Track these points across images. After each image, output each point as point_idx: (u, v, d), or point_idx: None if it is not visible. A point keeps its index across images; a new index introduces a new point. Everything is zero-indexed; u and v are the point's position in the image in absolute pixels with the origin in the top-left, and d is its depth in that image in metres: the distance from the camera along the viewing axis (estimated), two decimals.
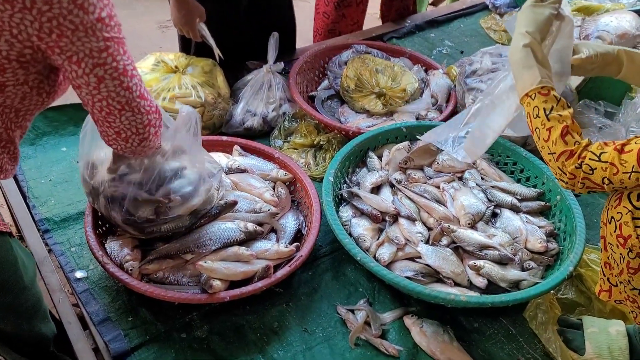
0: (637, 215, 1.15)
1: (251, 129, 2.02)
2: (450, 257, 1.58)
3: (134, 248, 1.49)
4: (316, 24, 2.78)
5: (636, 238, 1.15)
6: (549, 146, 1.21)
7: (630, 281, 1.23)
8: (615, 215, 1.19)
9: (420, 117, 2.09)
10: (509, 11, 2.88)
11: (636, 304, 1.27)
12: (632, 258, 1.19)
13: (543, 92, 1.23)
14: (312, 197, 1.68)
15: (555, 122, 1.20)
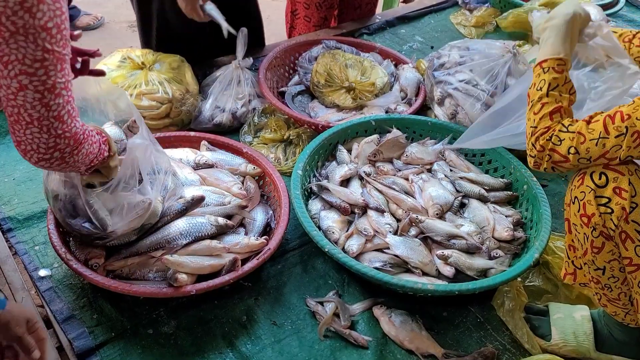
0: (599, 193, 1.17)
1: (220, 125, 2.01)
2: (419, 248, 1.59)
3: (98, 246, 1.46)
4: (298, 30, 2.74)
5: (599, 216, 1.17)
6: (535, 119, 1.26)
7: (594, 261, 1.25)
8: (578, 195, 1.21)
9: (389, 111, 2.10)
10: (479, 7, 2.91)
11: (600, 284, 1.29)
12: (595, 237, 1.21)
13: (558, 70, 1.26)
14: (281, 191, 1.67)
15: (552, 99, 1.25)
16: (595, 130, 1.16)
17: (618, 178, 1.15)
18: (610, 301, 1.30)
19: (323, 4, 2.61)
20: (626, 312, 1.30)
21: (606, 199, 1.16)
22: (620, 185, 1.14)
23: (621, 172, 1.15)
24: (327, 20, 2.67)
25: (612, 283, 1.25)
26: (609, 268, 1.24)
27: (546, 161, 1.25)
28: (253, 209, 1.67)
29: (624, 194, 1.13)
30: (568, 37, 1.29)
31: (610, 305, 1.31)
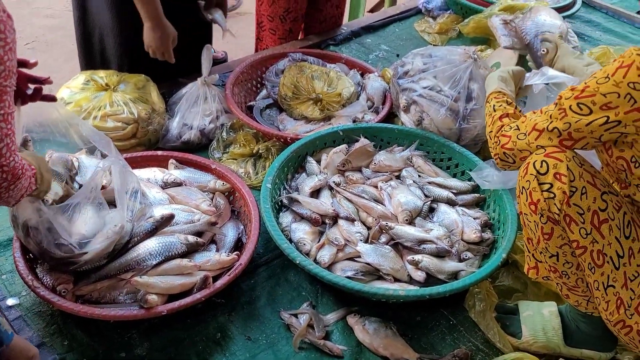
0: (541, 180, 1.22)
1: (189, 142, 2.01)
2: (389, 254, 1.61)
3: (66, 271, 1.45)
4: (265, 42, 2.76)
5: (544, 201, 1.22)
6: (491, 127, 1.46)
7: (548, 248, 1.30)
8: (525, 184, 1.27)
9: (357, 120, 2.13)
10: (441, 14, 2.97)
11: (557, 273, 1.33)
12: (544, 223, 1.26)
13: (498, 97, 1.55)
14: (251, 206, 1.68)
15: (500, 111, 1.48)
16: (533, 113, 1.34)
17: (557, 164, 1.21)
18: (571, 290, 1.34)
19: (287, 16, 2.62)
20: (587, 300, 1.34)
21: (548, 184, 1.21)
22: (560, 171, 1.20)
23: (559, 159, 1.21)
24: (292, 33, 2.69)
25: (568, 269, 1.30)
26: (561, 253, 1.29)
27: (497, 146, 1.41)
28: (224, 225, 1.67)
29: (563, 178, 1.19)
30: (503, 82, 1.61)
31: (571, 294, 1.35)
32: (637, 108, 1.14)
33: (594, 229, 1.20)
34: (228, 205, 1.74)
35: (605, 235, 1.20)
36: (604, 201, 1.20)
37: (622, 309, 1.24)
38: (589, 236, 1.21)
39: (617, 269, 1.22)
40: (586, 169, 1.22)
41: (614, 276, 1.22)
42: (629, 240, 1.21)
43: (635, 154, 1.20)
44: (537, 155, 1.25)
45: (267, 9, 2.62)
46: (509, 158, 1.38)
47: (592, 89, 1.18)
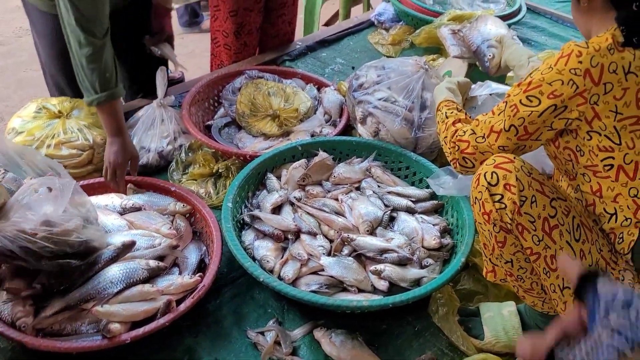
0: (493, 191, 1.27)
1: (147, 166, 2.00)
2: (352, 266, 1.63)
3: (25, 304, 1.42)
4: (219, 58, 2.77)
5: (496, 212, 1.27)
6: (445, 133, 1.51)
7: (502, 255, 1.35)
8: (477, 195, 1.31)
9: (315, 134, 2.15)
10: (393, 25, 3.03)
11: (513, 277, 1.38)
12: (497, 232, 1.31)
13: (449, 104, 1.61)
14: (213, 226, 1.68)
15: (452, 117, 1.53)
16: (486, 115, 1.40)
17: (506, 175, 1.25)
18: (527, 292, 1.39)
19: (241, 31, 2.64)
20: (542, 301, 1.39)
21: (499, 195, 1.26)
22: (509, 182, 1.24)
23: (508, 169, 1.25)
24: (247, 46, 2.69)
25: (522, 274, 1.35)
26: (515, 260, 1.33)
27: (456, 151, 1.44)
28: (185, 247, 1.66)
29: (513, 189, 1.24)
30: (451, 93, 1.68)
31: (527, 296, 1.40)
32: (579, 93, 1.21)
33: (546, 235, 1.24)
34: (189, 226, 1.74)
35: (556, 240, 1.24)
36: (553, 207, 1.24)
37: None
38: (541, 242, 1.25)
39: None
40: (534, 177, 1.26)
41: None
42: (579, 243, 1.25)
43: (579, 142, 1.26)
44: (487, 166, 1.29)
45: (221, 25, 2.62)
46: (469, 162, 1.42)
47: (538, 80, 1.25)
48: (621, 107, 1.20)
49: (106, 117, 1.76)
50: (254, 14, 2.61)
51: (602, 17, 1.24)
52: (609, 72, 1.19)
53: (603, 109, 1.21)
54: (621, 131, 1.21)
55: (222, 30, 2.64)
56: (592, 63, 1.19)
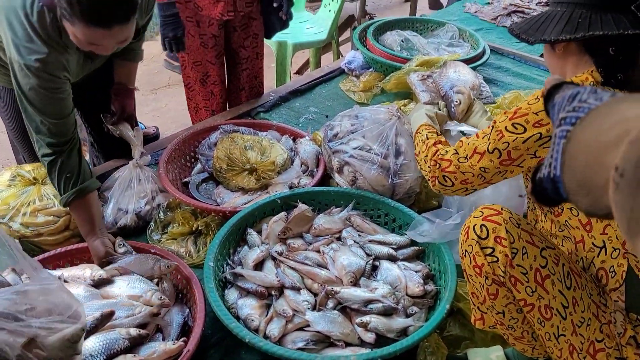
0: (483, 244, 1.27)
1: (125, 228, 1.98)
2: (338, 319, 1.62)
3: None
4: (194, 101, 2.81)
5: (488, 265, 1.27)
6: (425, 152, 1.59)
7: (494, 306, 1.34)
8: (467, 248, 1.32)
9: (293, 186, 2.17)
10: (364, 72, 3.11)
11: (504, 326, 1.37)
12: (489, 285, 1.31)
13: (429, 128, 1.69)
14: (195, 287, 1.65)
15: (433, 139, 1.62)
16: (470, 138, 1.47)
17: (496, 228, 1.26)
18: (517, 339, 1.39)
19: (206, 80, 2.70)
20: (532, 348, 1.39)
21: (490, 248, 1.26)
22: (500, 234, 1.25)
23: (497, 222, 1.26)
24: (214, 95, 2.75)
25: (514, 324, 1.34)
26: (507, 311, 1.33)
27: (437, 169, 1.51)
28: (168, 310, 1.63)
29: (504, 242, 1.24)
30: (430, 120, 1.78)
31: (517, 343, 1.40)
32: None
33: (538, 285, 1.25)
34: (173, 288, 1.71)
35: (549, 290, 1.25)
36: (543, 257, 1.25)
37: (575, 354, 1.29)
38: (534, 293, 1.25)
39: (564, 319, 1.26)
40: (523, 228, 1.27)
41: (563, 326, 1.26)
42: (570, 290, 1.26)
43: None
44: (475, 219, 1.30)
45: (189, 73, 2.71)
46: (448, 181, 1.49)
47: (524, 110, 1.31)
48: None
49: (76, 215, 1.78)
50: (216, 67, 2.67)
51: (577, 61, 1.32)
52: None
53: None
54: None
55: (192, 76, 2.71)
56: None
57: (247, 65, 2.76)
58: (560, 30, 1.28)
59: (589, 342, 1.27)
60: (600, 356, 1.26)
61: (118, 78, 2.14)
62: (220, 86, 2.76)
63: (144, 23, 2.02)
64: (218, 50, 2.63)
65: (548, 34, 1.30)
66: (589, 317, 1.26)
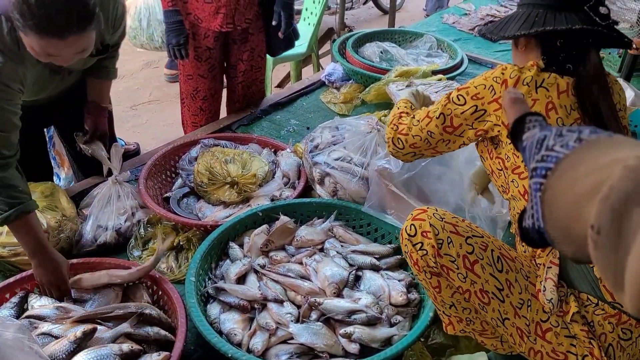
0: (413, 241, 1.37)
1: (105, 245, 1.95)
2: (322, 331, 1.61)
3: None
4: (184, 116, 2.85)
5: (421, 259, 1.36)
6: (392, 116, 1.67)
7: (444, 300, 1.41)
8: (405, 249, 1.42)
9: (275, 198, 2.16)
10: (344, 84, 3.13)
11: (464, 322, 1.41)
12: (429, 278, 1.39)
13: (408, 104, 1.73)
14: (176, 302, 1.63)
15: (404, 109, 1.68)
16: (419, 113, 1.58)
17: (422, 224, 1.36)
18: (482, 335, 1.42)
19: (196, 95, 2.74)
20: (500, 341, 1.42)
21: (420, 243, 1.36)
22: (425, 229, 1.35)
23: (422, 218, 1.36)
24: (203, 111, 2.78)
25: (469, 315, 1.40)
26: (456, 302, 1.40)
27: (394, 131, 1.60)
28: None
29: (429, 234, 1.34)
30: (413, 98, 1.78)
31: (485, 339, 1.43)
32: (496, 99, 1.39)
33: (468, 271, 1.32)
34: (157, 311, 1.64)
35: (480, 274, 1.31)
36: (469, 244, 1.33)
37: (525, 337, 1.32)
38: (467, 279, 1.32)
39: (502, 302, 1.32)
40: (447, 220, 1.36)
41: (504, 309, 1.32)
42: (503, 273, 1.32)
43: (503, 148, 1.40)
44: (407, 221, 1.40)
45: (183, 86, 2.76)
46: (399, 143, 1.59)
47: (469, 84, 1.46)
48: None
49: (20, 235, 1.64)
50: (207, 81, 2.70)
51: (536, 56, 1.42)
52: (522, 84, 1.36)
53: None
54: None
55: (184, 90, 2.77)
56: (511, 75, 1.37)
57: (243, 78, 2.80)
58: (518, 27, 1.40)
59: (535, 324, 1.31)
60: (549, 336, 1.30)
61: (91, 96, 2.11)
62: (210, 101, 2.78)
63: (116, 40, 2.00)
64: (211, 63, 2.66)
65: (507, 31, 1.42)
66: (528, 297, 1.31)
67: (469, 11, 4.36)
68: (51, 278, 1.65)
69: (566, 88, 1.36)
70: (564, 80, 1.36)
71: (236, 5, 2.51)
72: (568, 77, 1.37)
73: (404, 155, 1.62)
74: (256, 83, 2.90)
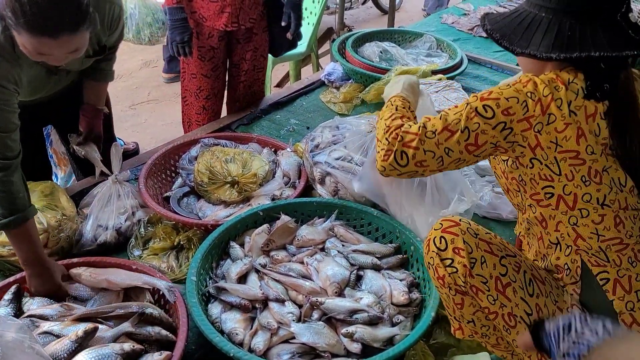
0: (443, 256, 1.30)
1: (105, 244, 1.94)
2: (323, 330, 1.60)
3: None
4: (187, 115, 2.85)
5: (449, 276, 1.29)
6: (387, 122, 1.42)
7: (463, 315, 1.36)
8: (429, 260, 1.34)
9: (275, 197, 2.15)
10: (344, 84, 3.12)
11: (479, 334, 1.38)
12: (454, 295, 1.33)
13: (403, 103, 1.54)
14: (178, 301, 1.63)
15: (401, 113, 1.47)
16: (438, 114, 1.34)
17: (454, 239, 1.28)
18: (494, 347, 1.40)
19: (199, 94, 2.75)
20: (511, 354, 1.39)
21: (449, 260, 1.29)
22: (457, 245, 1.27)
23: (455, 233, 1.29)
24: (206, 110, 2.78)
25: (487, 332, 1.36)
26: (477, 319, 1.35)
27: (398, 142, 1.34)
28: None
29: (462, 252, 1.27)
30: (409, 88, 1.61)
31: (495, 350, 1.41)
32: (527, 117, 1.23)
33: (500, 294, 1.26)
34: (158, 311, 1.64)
35: (511, 298, 1.26)
36: (503, 266, 1.27)
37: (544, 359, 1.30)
38: (496, 302, 1.27)
39: (529, 326, 1.26)
40: (481, 238, 1.29)
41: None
42: (533, 298, 1.27)
43: (522, 171, 1.28)
44: (435, 231, 1.32)
45: (186, 84, 2.76)
46: (404, 159, 1.33)
47: (496, 94, 1.25)
48: (561, 140, 1.22)
49: (17, 242, 1.61)
50: (210, 81, 2.71)
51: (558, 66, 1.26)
52: (555, 105, 1.21)
53: (545, 138, 1.23)
54: (561, 162, 1.23)
55: (187, 89, 2.77)
56: (544, 93, 1.22)
57: (245, 77, 2.81)
58: (550, 45, 1.21)
59: None
60: None
61: (87, 98, 2.10)
62: (213, 101, 2.79)
63: (113, 42, 1.99)
64: (215, 63, 2.67)
65: (536, 46, 1.23)
66: None
67: (468, 11, 4.36)
68: (47, 287, 1.64)
69: (594, 112, 1.21)
70: (592, 103, 1.22)
71: (241, 4, 2.52)
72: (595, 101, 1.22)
73: (400, 173, 1.38)
74: (257, 83, 2.90)
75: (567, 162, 1.23)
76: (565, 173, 1.24)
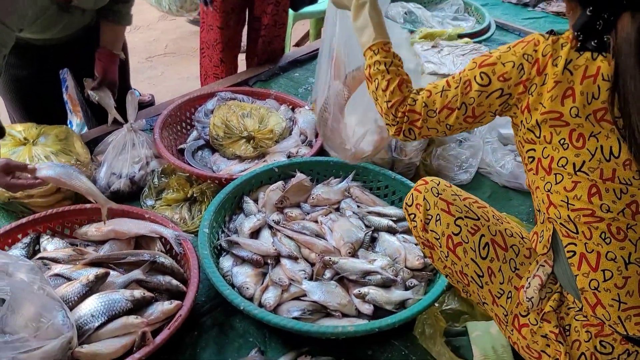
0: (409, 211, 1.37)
1: (118, 192, 1.93)
2: (335, 290, 1.58)
3: None
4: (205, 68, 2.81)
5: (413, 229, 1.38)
6: (387, 94, 1.36)
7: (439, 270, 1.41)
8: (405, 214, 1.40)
9: (291, 155, 2.11)
10: None
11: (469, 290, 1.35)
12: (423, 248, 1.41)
13: (386, 49, 1.40)
14: (189, 252, 1.61)
15: (393, 74, 1.37)
16: (439, 85, 1.31)
17: (418, 196, 1.35)
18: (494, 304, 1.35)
19: (216, 46, 2.69)
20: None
21: (413, 214, 1.36)
22: (418, 202, 1.34)
23: (420, 190, 1.35)
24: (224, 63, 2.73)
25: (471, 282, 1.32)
26: (449, 274, 1.38)
27: (405, 122, 1.35)
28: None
29: (420, 208, 1.33)
30: (371, 20, 1.43)
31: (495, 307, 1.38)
32: (522, 81, 1.18)
33: (450, 251, 1.30)
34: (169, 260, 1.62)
35: (460, 257, 1.29)
36: (457, 226, 1.28)
37: (502, 326, 1.30)
38: (447, 258, 1.31)
39: (481, 288, 1.29)
40: (442, 198, 1.31)
41: (482, 294, 1.30)
42: (486, 261, 1.26)
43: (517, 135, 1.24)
44: (412, 189, 1.39)
45: (205, 36, 2.71)
46: (412, 134, 1.36)
47: (494, 58, 1.22)
48: (546, 100, 1.15)
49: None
50: (228, 32, 2.64)
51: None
52: (552, 64, 1.15)
53: (535, 100, 1.17)
54: (542, 124, 1.17)
55: (205, 40, 2.71)
56: (544, 52, 1.16)
57: (265, 32, 2.74)
58: None
59: (513, 315, 1.26)
60: (524, 331, 1.25)
61: (103, 42, 2.05)
62: (231, 54, 2.74)
63: None
64: (234, 17, 2.61)
65: None
66: (510, 289, 1.26)
67: None
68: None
69: (595, 73, 1.11)
70: (595, 63, 1.11)
71: None
72: (602, 59, 1.11)
73: (412, 141, 1.52)
74: (278, 40, 2.83)
75: (548, 123, 1.16)
76: (544, 134, 1.17)
